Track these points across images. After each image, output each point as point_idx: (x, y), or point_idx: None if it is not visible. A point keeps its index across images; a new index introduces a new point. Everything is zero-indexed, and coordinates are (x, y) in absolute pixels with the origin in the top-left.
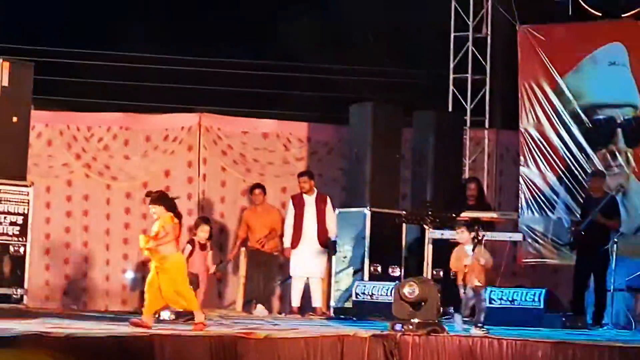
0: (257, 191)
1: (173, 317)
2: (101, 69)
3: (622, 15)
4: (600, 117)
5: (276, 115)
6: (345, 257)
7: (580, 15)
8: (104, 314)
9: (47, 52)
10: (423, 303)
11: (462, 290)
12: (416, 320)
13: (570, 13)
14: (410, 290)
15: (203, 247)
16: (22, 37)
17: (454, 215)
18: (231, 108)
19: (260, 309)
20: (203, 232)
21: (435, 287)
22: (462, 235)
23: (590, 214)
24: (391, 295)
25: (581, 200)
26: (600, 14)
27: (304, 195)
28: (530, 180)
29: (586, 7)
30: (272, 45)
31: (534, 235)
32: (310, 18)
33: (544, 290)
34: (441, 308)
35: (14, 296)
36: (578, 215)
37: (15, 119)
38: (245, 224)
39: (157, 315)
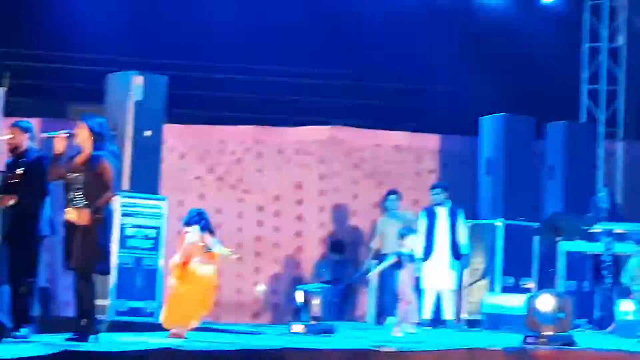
0: (393, 197)
1: (305, 329)
2: (234, 82)
3: None
4: None
5: (408, 128)
6: (477, 269)
7: None
8: (236, 327)
9: (180, 66)
10: (557, 316)
11: None
12: (549, 333)
13: None
14: (545, 302)
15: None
16: (156, 50)
17: (586, 227)
18: (363, 120)
19: (391, 322)
20: (414, 241)
21: (569, 299)
22: None
23: None
24: (524, 307)
25: None
26: None
27: (437, 208)
28: None
29: None
30: (403, 58)
31: None
32: (442, 33)
33: None
34: (574, 321)
35: (146, 310)
36: None
37: (148, 132)
38: (380, 233)
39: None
